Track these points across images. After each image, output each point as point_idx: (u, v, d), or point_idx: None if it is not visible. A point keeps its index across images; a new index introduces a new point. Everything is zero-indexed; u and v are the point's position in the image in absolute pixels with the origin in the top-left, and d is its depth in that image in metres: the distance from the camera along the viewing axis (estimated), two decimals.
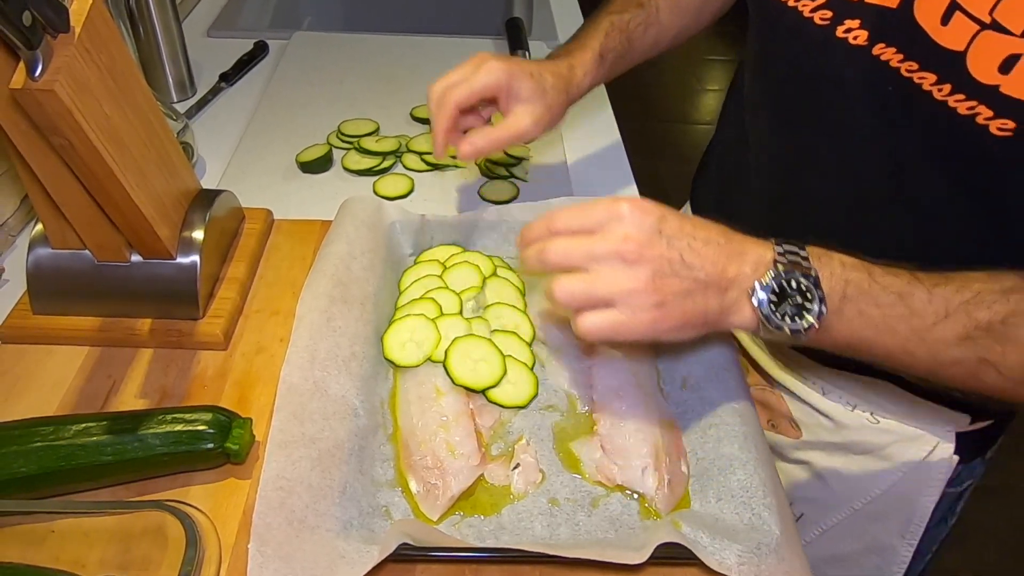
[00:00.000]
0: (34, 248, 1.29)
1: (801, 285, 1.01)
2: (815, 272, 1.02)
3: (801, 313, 1.02)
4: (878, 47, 1.12)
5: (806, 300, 1.01)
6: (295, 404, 1.14)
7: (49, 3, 0.95)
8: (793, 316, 1.02)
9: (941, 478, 1.45)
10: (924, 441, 1.42)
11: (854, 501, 1.52)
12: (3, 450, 1.04)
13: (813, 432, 1.55)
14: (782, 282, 1.01)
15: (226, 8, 2.58)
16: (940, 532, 1.58)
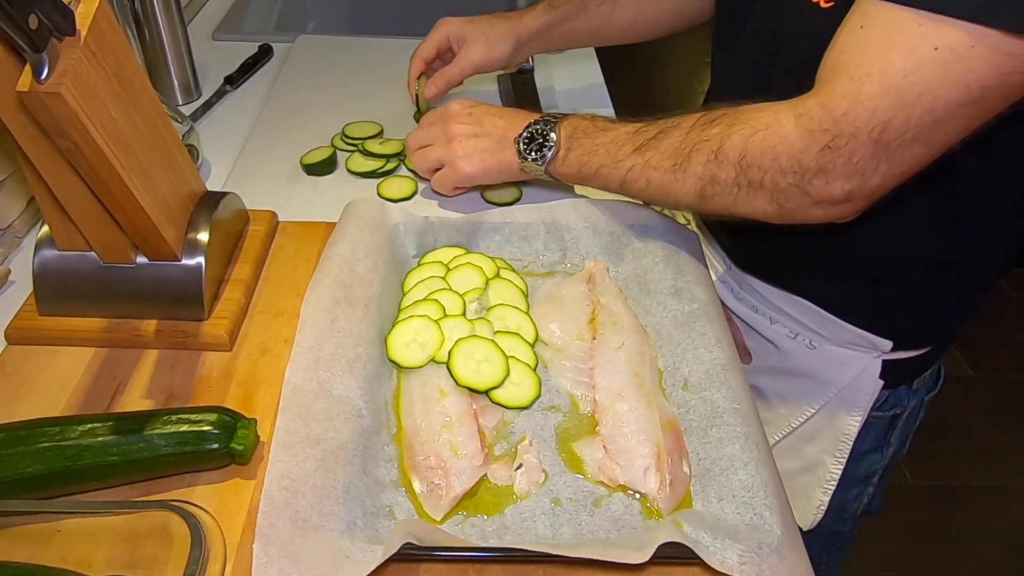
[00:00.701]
0: (40, 250, 1.30)
1: (544, 131, 1.49)
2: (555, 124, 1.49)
3: (541, 150, 1.48)
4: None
5: (546, 140, 1.48)
6: (299, 405, 1.14)
7: (55, 6, 0.95)
8: (537, 151, 1.49)
9: (867, 400, 1.64)
10: (852, 365, 1.62)
11: (792, 420, 1.74)
12: (10, 450, 1.04)
13: (761, 358, 1.78)
14: (531, 131, 1.50)
15: (231, 11, 2.59)
16: (876, 460, 1.77)
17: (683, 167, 1.30)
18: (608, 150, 1.40)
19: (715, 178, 1.26)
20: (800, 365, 1.69)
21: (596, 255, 1.49)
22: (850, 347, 1.61)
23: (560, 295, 1.41)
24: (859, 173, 1.14)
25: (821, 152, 1.14)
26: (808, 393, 1.69)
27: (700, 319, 1.34)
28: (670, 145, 1.33)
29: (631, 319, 1.36)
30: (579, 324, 1.36)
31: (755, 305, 1.73)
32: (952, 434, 3.76)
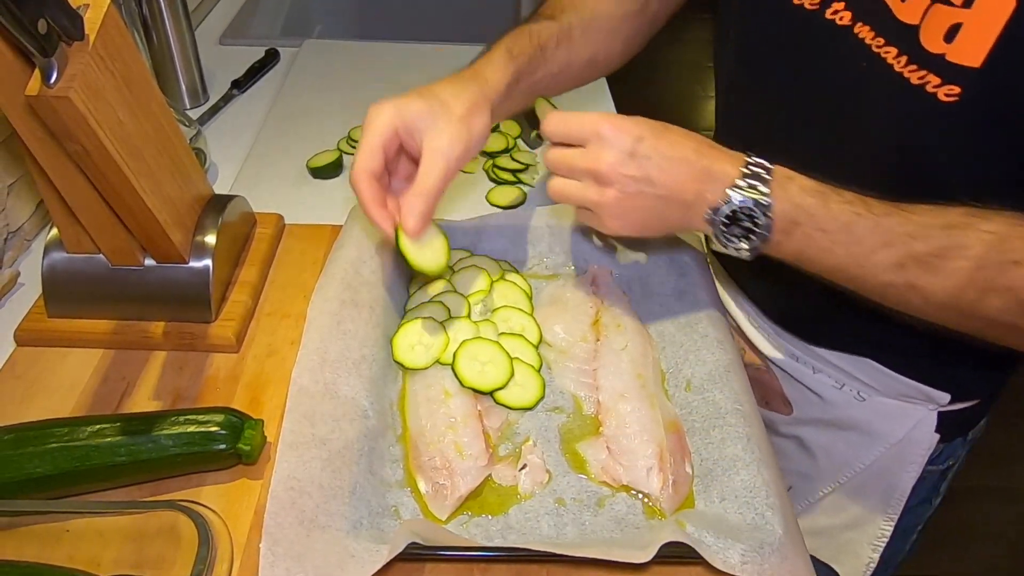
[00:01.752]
0: (49, 252, 1.30)
1: (753, 214, 1.10)
2: (770, 200, 1.10)
3: (748, 236, 1.12)
4: (858, 26, 1.16)
5: (755, 225, 1.11)
6: (306, 406, 1.14)
7: (64, 11, 0.95)
8: (740, 238, 1.13)
9: (922, 455, 1.48)
10: (907, 418, 1.46)
11: (840, 475, 1.56)
12: (19, 451, 1.05)
13: (803, 409, 1.59)
14: (735, 210, 1.11)
15: (238, 16, 2.59)
16: (923, 511, 1.62)
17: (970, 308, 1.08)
18: (851, 252, 1.10)
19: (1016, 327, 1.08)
20: (848, 417, 1.52)
21: (599, 260, 1.49)
22: (903, 399, 1.45)
23: (564, 297, 1.41)
24: None
25: None
26: (857, 447, 1.52)
27: (702, 321, 1.34)
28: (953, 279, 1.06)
29: (634, 321, 1.36)
30: (583, 326, 1.35)
31: (795, 354, 1.55)
32: None
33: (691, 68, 6.70)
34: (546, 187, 1.25)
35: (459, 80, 1.29)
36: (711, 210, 1.13)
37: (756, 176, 1.12)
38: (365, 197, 1.22)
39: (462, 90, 1.26)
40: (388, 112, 1.22)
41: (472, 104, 1.25)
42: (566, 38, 1.43)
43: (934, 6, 1.04)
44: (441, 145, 1.21)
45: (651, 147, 1.15)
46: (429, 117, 1.22)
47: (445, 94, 1.25)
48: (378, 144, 1.21)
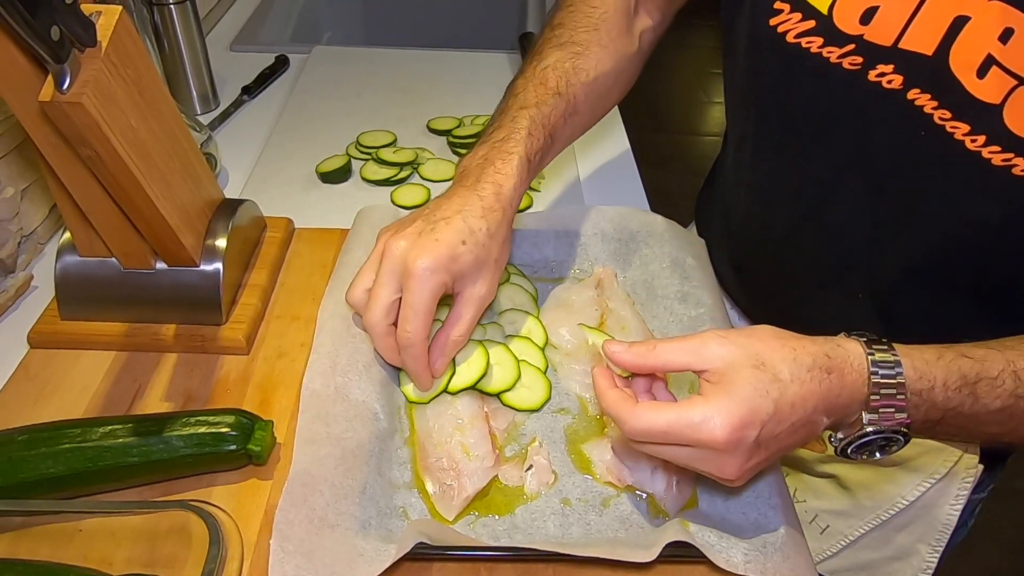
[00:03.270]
0: (62, 256, 1.30)
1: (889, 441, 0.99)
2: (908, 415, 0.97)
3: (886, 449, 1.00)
4: (912, 92, 1.11)
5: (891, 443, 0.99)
6: (318, 408, 1.14)
7: (77, 18, 0.95)
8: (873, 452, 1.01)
9: (967, 486, 1.43)
10: (950, 452, 1.40)
11: (882, 512, 1.50)
12: (33, 452, 1.05)
13: None
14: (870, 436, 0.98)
15: (248, 23, 2.59)
16: (960, 534, 1.55)
17: None
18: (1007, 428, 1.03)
19: None
20: None
21: (604, 261, 1.49)
22: None
23: (569, 300, 1.41)
24: None
25: None
26: (900, 483, 1.46)
27: (706, 323, 1.33)
28: None
29: (639, 323, 1.36)
30: (588, 329, 1.35)
31: None
32: None
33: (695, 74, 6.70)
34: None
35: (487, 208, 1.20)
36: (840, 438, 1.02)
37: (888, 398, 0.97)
38: (421, 365, 1.17)
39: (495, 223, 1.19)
40: (441, 273, 1.13)
41: (503, 240, 1.22)
42: (572, 113, 1.37)
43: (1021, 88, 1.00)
44: (480, 293, 1.19)
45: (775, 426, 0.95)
46: (475, 269, 1.18)
47: (482, 236, 1.17)
48: (432, 307, 1.14)
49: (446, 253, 1.13)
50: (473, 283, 1.18)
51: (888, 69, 1.12)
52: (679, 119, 6.32)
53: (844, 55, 1.15)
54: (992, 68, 1.01)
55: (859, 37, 1.13)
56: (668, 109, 6.37)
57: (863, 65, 1.14)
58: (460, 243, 1.14)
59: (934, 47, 1.06)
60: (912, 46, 1.09)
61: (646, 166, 1.92)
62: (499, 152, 1.26)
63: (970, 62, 1.03)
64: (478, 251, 1.16)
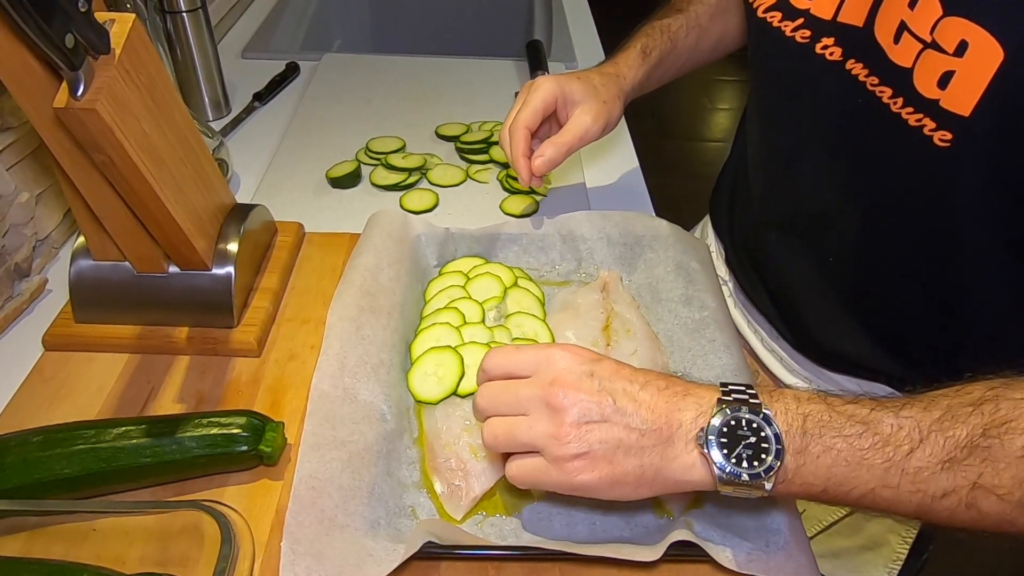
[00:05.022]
0: (76, 260, 1.30)
1: (752, 423, 0.91)
2: (766, 409, 0.92)
3: (759, 455, 0.90)
4: (850, 63, 1.19)
5: (761, 440, 0.90)
6: (326, 410, 1.14)
7: (91, 26, 0.95)
8: (750, 460, 0.90)
9: None
10: None
11: None
12: (47, 452, 1.05)
13: None
14: (730, 421, 0.91)
15: (260, 31, 2.59)
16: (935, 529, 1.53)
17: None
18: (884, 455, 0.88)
19: None
20: None
21: (610, 265, 1.49)
22: None
23: (575, 303, 1.41)
24: None
25: None
26: None
27: (710, 326, 1.34)
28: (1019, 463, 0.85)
29: (643, 326, 1.36)
30: (593, 331, 1.35)
31: (808, 377, 1.54)
32: None
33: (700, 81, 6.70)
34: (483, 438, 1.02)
35: (604, 73, 1.55)
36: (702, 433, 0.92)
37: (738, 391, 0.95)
38: (518, 148, 1.47)
39: (609, 82, 1.54)
40: (553, 84, 1.48)
41: (614, 95, 1.53)
42: (695, 26, 1.65)
43: (926, 51, 1.04)
44: (587, 119, 1.48)
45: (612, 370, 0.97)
46: (583, 95, 1.50)
47: (596, 82, 1.52)
48: (540, 107, 1.48)
49: (563, 79, 1.50)
50: (584, 110, 1.49)
51: (830, 42, 1.22)
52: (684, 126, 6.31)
53: (796, 28, 1.24)
54: (904, 34, 1.08)
55: (806, 11, 1.23)
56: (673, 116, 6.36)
57: (811, 39, 1.23)
58: (575, 78, 1.51)
59: (863, 18, 1.16)
60: (847, 19, 1.19)
61: (651, 172, 1.92)
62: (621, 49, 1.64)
63: (888, 29, 1.11)
64: (588, 87, 1.51)
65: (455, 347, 1.28)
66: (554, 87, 1.48)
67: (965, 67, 1.00)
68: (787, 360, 1.58)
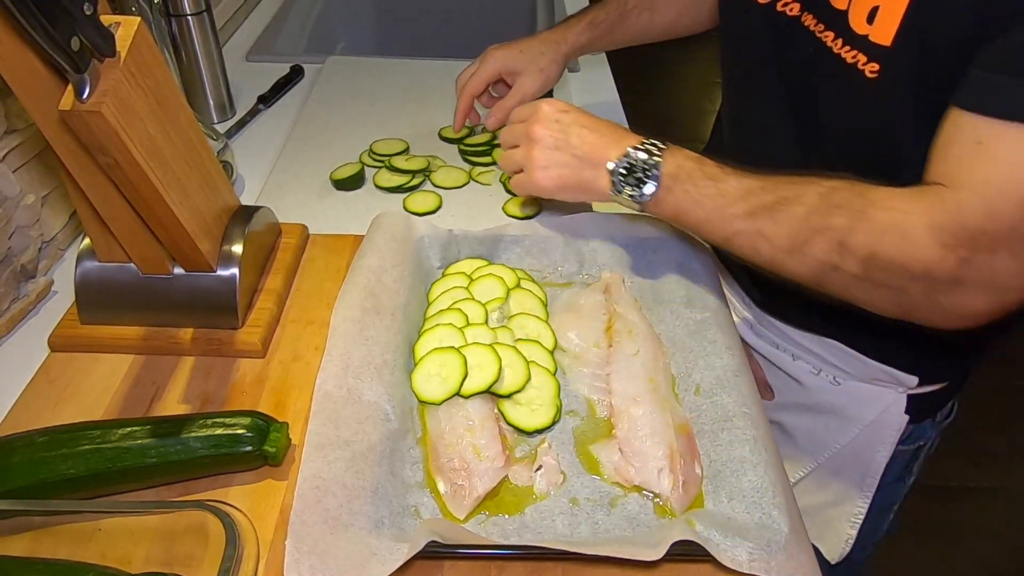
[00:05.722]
0: (82, 261, 1.30)
1: (645, 165, 1.30)
2: (660, 158, 1.30)
3: (640, 185, 1.30)
4: (805, 16, 1.31)
5: (646, 176, 1.30)
6: (330, 410, 1.14)
7: (97, 29, 0.95)
8: (634, 186, 1.31)
9: (893, 435, 1.59)
10: (878, 401, 1.57)
11: (818, 456, 1.68)
12: (53, 452, 1.05)
13: (784, 395, 1.71)
14: (631, 161, 1.31)
15: (264, 34, 2.60)
16: (898, 489, 1.75)
17: (801, 249, 1.18)
18: (716, 204, 1.25)
19: (837, 267, 1.15)
20: (824, 401, 1.64)
21: (612, 266, 1.49)
22: (875, 383, 1.56)
23: (578, 304, 1.41)
24: (1001, 290, 1.08)
25: (958, 266, 1.07)
26: (833, 429, 1.64)
27: (711, 327, 1.34)
28: (789, 223, 1.18)
29: (646, 327, 1.36)
30: (596, 332, 1.35)
31: (776, 342, 1.68)
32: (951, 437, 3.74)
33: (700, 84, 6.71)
34: None
35: (546, 41, 1.86)
36: (613, 162, 1.33)
37: (651, 144, 1.33)
38: (462, 106, 1.91)
39: (548, 49, 1.85)
40: (500, 58, 1.86)
41: (551, 60, 1.85)
42: (648, 7, 1.85)
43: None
44: (526, 83, 1.86)
45: (573, 119, 1.42)
46: (524, 64, 1.85)
47: (536, 50, 1.85)
48: (484, 78, 1.87)
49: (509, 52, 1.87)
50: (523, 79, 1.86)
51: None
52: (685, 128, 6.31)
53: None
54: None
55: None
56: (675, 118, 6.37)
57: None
58: (519, 51, 1.86)
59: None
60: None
61: None
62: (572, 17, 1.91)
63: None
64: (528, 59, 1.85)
65: (458, 348, 1.27)
66: (497, 64, 1.86)
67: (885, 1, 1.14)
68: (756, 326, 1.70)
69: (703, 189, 1.26)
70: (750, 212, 1.21)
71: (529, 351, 1.30)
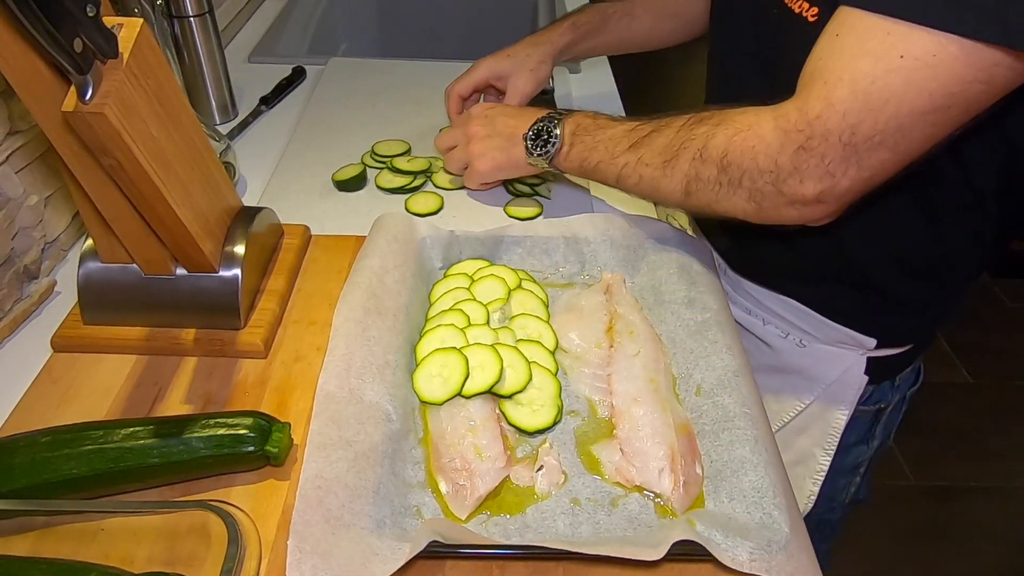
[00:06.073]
0: (85, 262, 1.30)
1: (548, 128, 1.53)
2: (560, 121, 1.53)
3: (546, 145, 1.53)
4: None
5: (551, 137, 1.52)
6: (332, 410, 1.14)
7: (99, 31, 0.95)
8: (542, 147, 1.54)
9: (853, 395, 1.66)
10: (840, 362, 1.64)
11: (784, 415, 1.74)
12: (56, 453, 1.05)
13: (756, 358, 1.68)
14: (537, 128, 1.55)
15: (266, 35, 2.60)
16: (862, 452, 1.81)
17: (671, 164, 1.32)
18: (607, 147, 1.43)
19: (699, 175, 1.28)
20: (791, 363, 1.70)
21: (613, 267, 1.49)
22: (838, 345, 1.62)
23: (579, 305, 1.41)
24: (830, 174, 1.14)
25: (795, 153, 1.15)
26: (799, 389, 1.71)
27: (712, 328, 1.34)
28: (661, 143, 1.35)
29: (647, 328, 1.36)
30: (597, 333, 1.35)
31: (749, 308, 1.74)
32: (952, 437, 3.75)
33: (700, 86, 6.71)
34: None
35: (532, 43, 1.91)
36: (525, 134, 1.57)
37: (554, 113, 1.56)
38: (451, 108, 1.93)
39: (534, 51, 1.90)
40: (488, 65, 1.91)
41: (540, 60, 1.90)
42: (628, 13, 1.93)
43: None
44: (520, 83, 1.88)
45: (497, 111, 1.69)
46: (513, 68, 1.89)
47: (523, 53, 1.90)
48: (472, 83, 1.91)
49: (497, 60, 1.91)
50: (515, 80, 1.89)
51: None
52: None
53: None
54: None
55: None
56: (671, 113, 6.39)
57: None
58: (506, 56, 1.91)
59: None
60: None
61: None
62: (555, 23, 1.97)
63: None
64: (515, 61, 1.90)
65: (460, 348, 1.27)
66: (487, 71, 1.91)
67: None
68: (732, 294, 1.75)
69: (596, 136, 1.47)
70: (632, 145, 1.40)
71: (530, 351, 1.30)
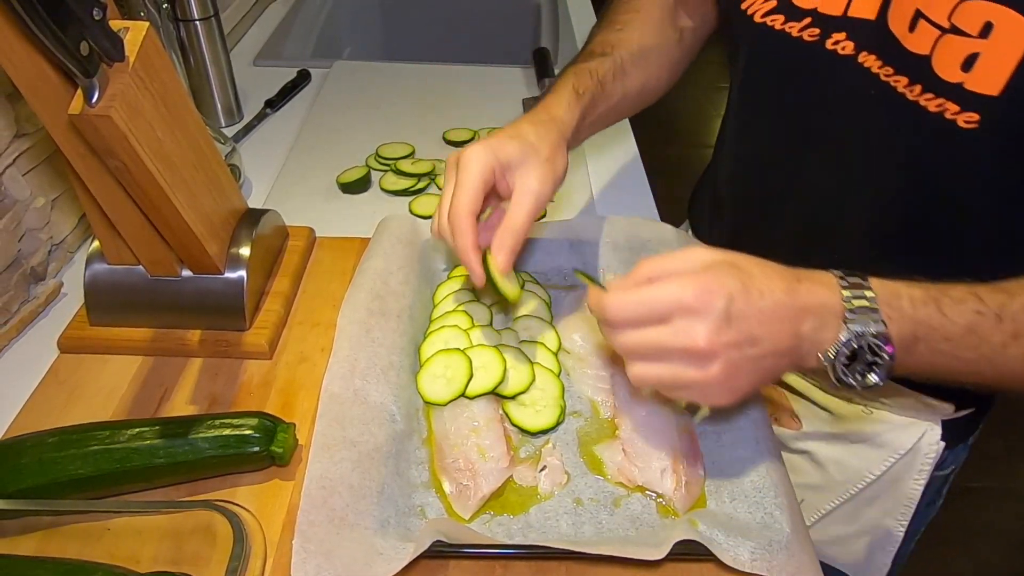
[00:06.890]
0: (91, 264, 1.30)
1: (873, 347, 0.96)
2: (884, 323, 0.97)
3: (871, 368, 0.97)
4: (862, 55, 1.16)
5: (877, 356, 0.97)
6: (336, 411, 1.14)
7: (106, 34, 0.95)
8: (864, 373, 0.98)
9: (929, 463, 1.47)
10: (914, 429, 1.44)
11: (851, 486, 1.54)
12: (62, 453, 1.05)
13: (812, 424, 1.56)
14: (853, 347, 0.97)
15: (271, 39, 2.60)
16: (929, 513, 1.61)
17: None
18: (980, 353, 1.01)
19: None
20: (856, 431, 1.50)
21: (616, 269, 1.49)
22: (909, 412, 1.44)
23: (582, 307, 1.40)
24: None
25: None
26: (868, 459, 1.50)
27: None
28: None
29: None
30: (599, 334, 1.35)
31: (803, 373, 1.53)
32: None
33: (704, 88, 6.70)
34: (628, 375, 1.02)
35: (538, 122, 1.27)
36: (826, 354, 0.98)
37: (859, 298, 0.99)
38: (467, 241, 1.17)
39: (545, 132, 1.25)
40: (486, 154, 1.19)
41: (554, 146, 1.24)
42: (620, 72, 1.44)
43: (945, 36, 1.03)
44: (532, 185, 1.19)
45: (744, 304, 0.95)
46: (521, 156, 1.21)
47: (531, 137, 1.23)
48: (479, 185, 1.18)
49: (493, 143, 1.20)
50: (525, 175, 1.20)
51: (841, 37, 1.18)
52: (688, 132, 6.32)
53: (803, 28, 1.21)
54: (920, 22, 1.06)
55: (813, 10, 1.20)
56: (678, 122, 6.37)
57: (820, 36, 1.19)
58: (508, 138, 1.21)
59: (876, 11, 1.13)
60: (858, 13, 1.16)
61: (655, 176, 1.92)
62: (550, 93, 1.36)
63: (903, 19, 1.09)
64: (525, 146, 1.21)
65: (463, 349, 1.27)
66: (488, 157, 1.19)
67: (991, 48, 1.00)
68: None
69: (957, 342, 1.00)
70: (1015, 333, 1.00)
71: (533, 353, 1.30)
